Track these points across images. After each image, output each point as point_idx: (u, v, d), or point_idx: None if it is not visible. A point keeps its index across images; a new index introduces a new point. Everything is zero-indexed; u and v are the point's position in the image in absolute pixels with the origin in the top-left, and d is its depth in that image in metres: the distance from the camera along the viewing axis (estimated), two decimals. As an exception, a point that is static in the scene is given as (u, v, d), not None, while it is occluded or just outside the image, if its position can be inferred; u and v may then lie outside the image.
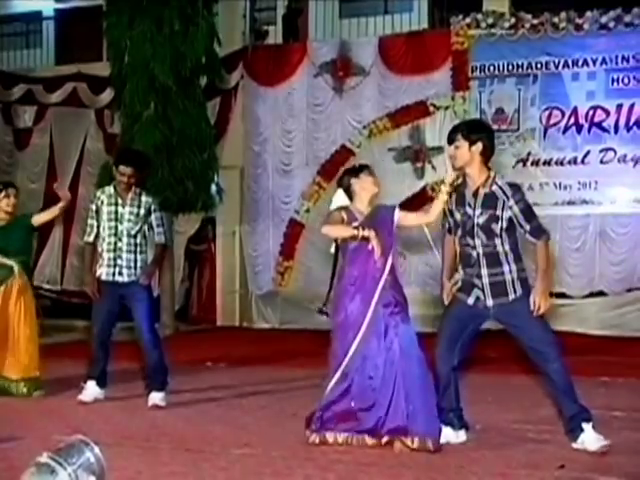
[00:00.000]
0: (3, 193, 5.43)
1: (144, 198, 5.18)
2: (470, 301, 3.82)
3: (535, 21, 9.76)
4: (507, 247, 3.76)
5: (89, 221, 5.21)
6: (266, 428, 4.43)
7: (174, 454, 3.80)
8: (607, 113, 9.61)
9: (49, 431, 4.16)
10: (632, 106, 9.50)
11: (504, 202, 3.72)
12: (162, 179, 9.40)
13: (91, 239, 5.18)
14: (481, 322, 3.92)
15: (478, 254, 3.77)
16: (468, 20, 9.99)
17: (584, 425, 3.74)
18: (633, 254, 9.59)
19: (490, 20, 9.93)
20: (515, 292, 3.76)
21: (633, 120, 9.52)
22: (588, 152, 9.70)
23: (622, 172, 9.56)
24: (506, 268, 3.75)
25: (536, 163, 9.91)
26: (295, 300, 10.51)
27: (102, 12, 10.75)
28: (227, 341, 9.48)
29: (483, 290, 3.78)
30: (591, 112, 9.67)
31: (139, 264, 5.12)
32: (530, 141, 9.93)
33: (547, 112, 9.83)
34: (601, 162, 9.68)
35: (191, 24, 9.80)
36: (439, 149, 10.27)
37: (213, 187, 10.54)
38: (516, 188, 3.79)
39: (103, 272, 5.12)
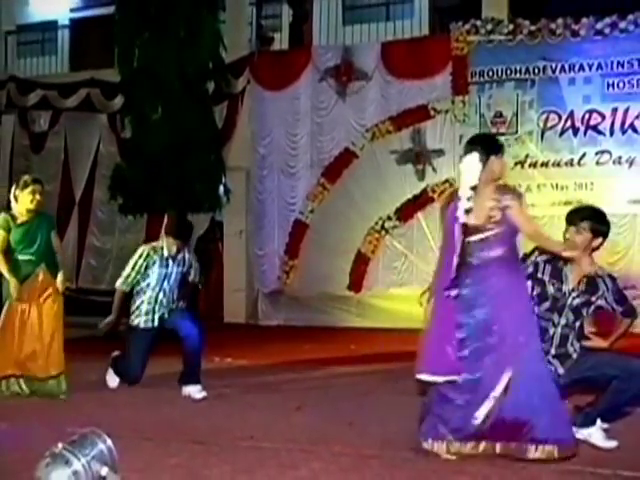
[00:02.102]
0: (29, 188, 5.15)
1: (187, 255, 5.48)
2: None
3: (533, 27, 9.95)
4: (579, 326, 3.83)
5: (130, 272, 5.33)
6: (271, 422, 4.51)
7: (182, 446, 3.88)
8: (603, 116, 9.81)
9: (62, 423, 4.18)
10: (627, 110, 9.70)
11: (603, 292, 3.81)
12: (171, 180, 9.72)
13: (126, 288, 5.37)
14: None
15: (555, 333, 3.78)
16: (467, 26, 10.20)
17: (598, 421, 3.77)
18: (628, 254, 9.77)
19: (489, 26, 10.14)
20: (576, 351, 3.83)
21: (628, 123, 9.72)
22: (584, 154, 9.90)
23: (617, 173, 9.73)
24: (570, 348, 3.81)
25: (534, 165, 10.12)
26: (300, 298, 10.78)
27: (114, 21, 11.08)
28: (234, 338, 9.51)
29: (550, 362, 3.75)
30: (587, 115, 9.87)
31: (176, 303, 5.45)
32: (528, 144, 10.13)
33: (544, 115, 10.04)
34: (597, 164, 9.86)
35: (196, 31, 10.10)
36: (439, 152, 10.51)
37: (221, 188, 10.82)
38: (614, 279, 3.89)
39: (142, 321, 5.36)
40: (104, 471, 2.90)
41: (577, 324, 3.81)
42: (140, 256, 5.35)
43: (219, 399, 5.26)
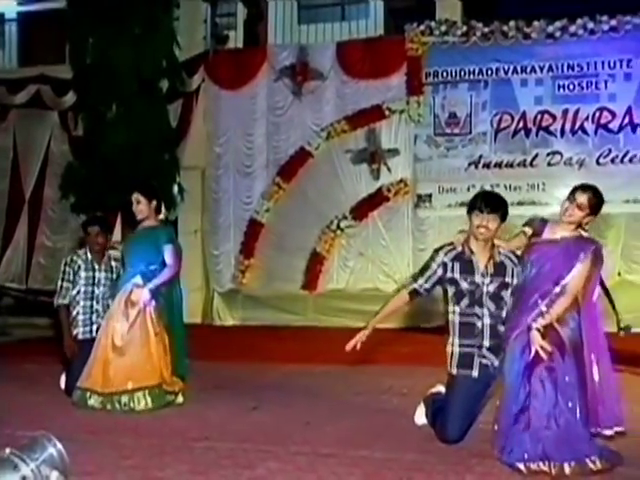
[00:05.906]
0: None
1: (113, 263, 5.48)
2: (475, 374, 3.83)
3: (486, 29, 10.15)
4: (505, 315, 3.84)
5: (64, 284, 5.33)
6: (227, 422, 4.53)
7: (136, 447, 3.87)
8: (554, 118, 10.03)
9: (12, 427, 4.15)
10: (577, 111, 9.94)
11: (513, 269, 3.82)
12: (125, 179, 9.60)
13: (66, 302, 5.33)
14: (488, 388, 3.88)
15: (483, 324, 3.82)
16: (422, 28, 10.33)
17: None
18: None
19: (443, 28, 10.30)
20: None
21: (578, 125, 9.95)
22: (536, 155, 10.11)
23: (568, 174, 9.86)
24: (501, 338, 3.81)
25: (487, 165, 10.29)
26: (256, 297, 10.76)
27: (65, 15, 10.87)
28: (189, 337, 9.59)
29: (485, 356, 3.83)
30: (539, 117, 10.08)
31: None
32: (481, 144, 10.30)
33: (497, 116, 10.22)
34: (548, 165, 10.08)
35: (151, 28, 10.00)
36: (394, 151, 10.62)
37: (175, 187, 10.76)
38: (517, 255, 3.85)
39: (80, 332, 5.33)
40: (54, 475, 2.87)
41: (501, 312, 3.82)
42: (65, 264, 5.39)
43: (174, 399, 5.25)
